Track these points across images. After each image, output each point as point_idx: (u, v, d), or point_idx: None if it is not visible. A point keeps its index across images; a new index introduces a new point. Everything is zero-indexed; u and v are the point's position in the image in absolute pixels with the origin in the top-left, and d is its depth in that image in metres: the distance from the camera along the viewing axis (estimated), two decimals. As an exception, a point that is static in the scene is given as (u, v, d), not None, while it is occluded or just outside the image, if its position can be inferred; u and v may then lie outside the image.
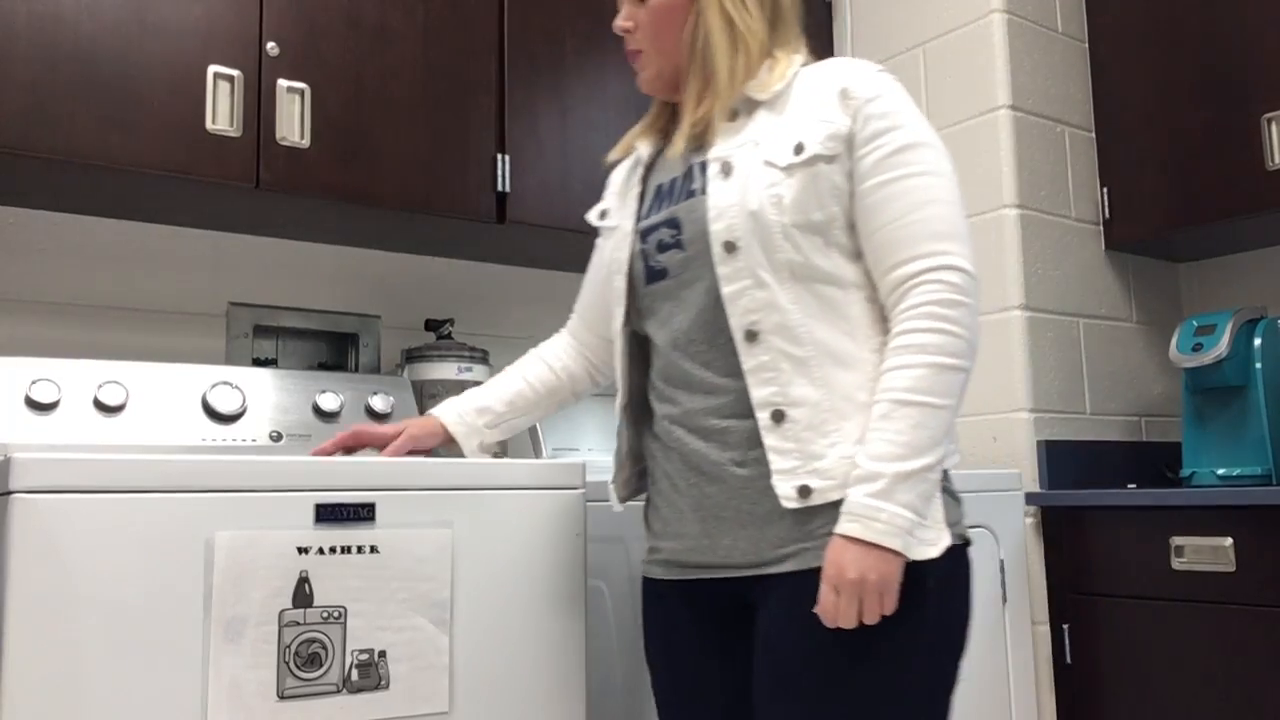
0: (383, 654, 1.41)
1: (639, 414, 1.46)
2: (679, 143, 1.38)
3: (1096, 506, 2.14)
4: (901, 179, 1.25)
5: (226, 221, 2.10)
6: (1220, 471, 2.21)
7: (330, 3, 1.95)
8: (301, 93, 1.90)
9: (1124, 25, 2.50)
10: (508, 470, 1.54)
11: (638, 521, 1.47)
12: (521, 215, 2.12)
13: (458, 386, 2.18)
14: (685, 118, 1.38)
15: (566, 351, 1.64)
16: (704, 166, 1.34)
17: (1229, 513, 1.94)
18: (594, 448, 2.23)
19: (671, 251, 1.35)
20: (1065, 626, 2.18)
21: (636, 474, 1.48)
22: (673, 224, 1.35)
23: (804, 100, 1.31)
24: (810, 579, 1.21)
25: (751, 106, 1.34)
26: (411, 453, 1.54)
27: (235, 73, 1.84)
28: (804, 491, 1.22)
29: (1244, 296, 2.61)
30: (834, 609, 1.18)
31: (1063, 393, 2.37)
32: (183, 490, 1.32)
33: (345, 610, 1.39)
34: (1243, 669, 1.91)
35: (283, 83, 1.88)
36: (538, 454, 2.18)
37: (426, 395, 2.17)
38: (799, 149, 1.27)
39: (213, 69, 1.82)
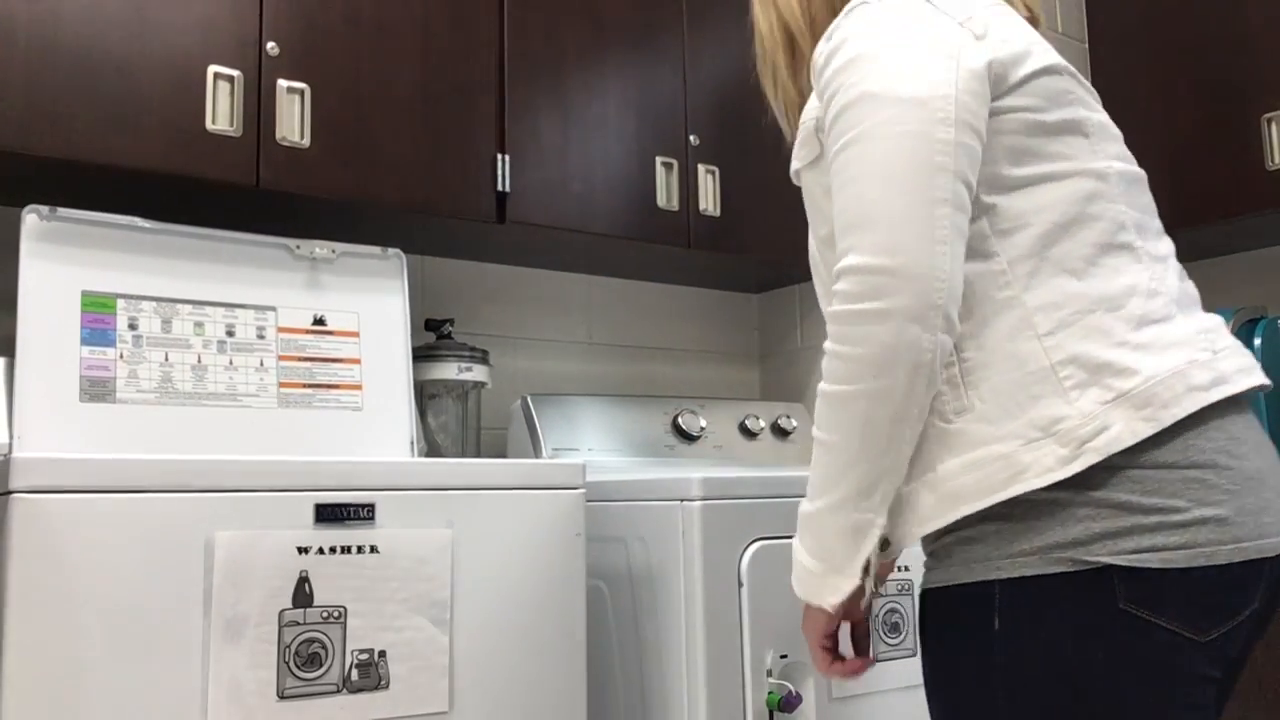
0: (383, 654, 1.41)
1: None
2: None
3: (1096, 506, 2.14)
4: (833, 159, 1.03)
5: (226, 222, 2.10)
6: (1220, 471, 2.20)
7: (330, 3, 1.95)
8: (301, 93, 1.90)
9: (1124, 25, 2.50)
10: (508, 470, 1.54)
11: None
12: (521, 215, 2.11)
13: (458, 386, 2.18)
14: None
15: None
16: None
17: (1229, 513, 1.94)
18: (594, 448, 2.23)
19: None
20: (1065, 626, 2.18)
21: None
22: None
23: None
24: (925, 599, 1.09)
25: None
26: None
27: (235, 73, 1.84)
28: (883, 544, 1.07)
29: (1244, 296, 2.61)
30: None
31: (1063, 393, 2.37)
32: (183, 490, 1.32)
33: (345, 610, 1.39)
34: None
35: (283, 83, 1.88)
36: (538, 454, 2.18)
37: (426, 395, 2.17)
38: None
39: (213, 69, 1.82)
